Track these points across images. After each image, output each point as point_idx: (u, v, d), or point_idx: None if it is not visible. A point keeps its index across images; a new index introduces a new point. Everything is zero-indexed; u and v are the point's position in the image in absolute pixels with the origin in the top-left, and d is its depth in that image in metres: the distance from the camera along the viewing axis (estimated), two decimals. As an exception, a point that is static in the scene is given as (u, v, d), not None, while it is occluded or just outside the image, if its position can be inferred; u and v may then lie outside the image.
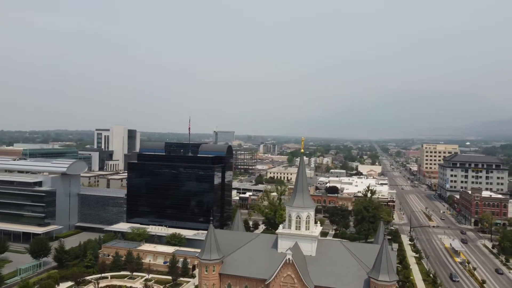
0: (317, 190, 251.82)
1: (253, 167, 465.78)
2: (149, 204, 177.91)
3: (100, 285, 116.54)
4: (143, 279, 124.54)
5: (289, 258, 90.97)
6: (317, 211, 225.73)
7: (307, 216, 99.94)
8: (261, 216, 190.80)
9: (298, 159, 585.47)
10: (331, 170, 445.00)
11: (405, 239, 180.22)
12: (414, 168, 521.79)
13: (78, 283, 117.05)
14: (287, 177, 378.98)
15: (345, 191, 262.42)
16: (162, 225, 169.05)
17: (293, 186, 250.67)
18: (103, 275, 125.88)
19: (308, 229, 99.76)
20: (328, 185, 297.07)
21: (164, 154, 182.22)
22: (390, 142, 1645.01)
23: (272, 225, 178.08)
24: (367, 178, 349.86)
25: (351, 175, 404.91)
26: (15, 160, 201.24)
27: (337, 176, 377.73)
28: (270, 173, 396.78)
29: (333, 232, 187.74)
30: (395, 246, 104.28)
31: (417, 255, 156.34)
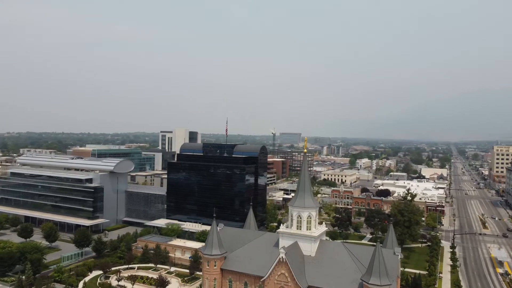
0: (363, 193, 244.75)
1: (309, 169, 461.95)
2: (187, 201, 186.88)
3: (125, 274, 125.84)
4: (166, 271, 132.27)
5: (282, 257, 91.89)
6: (359, 214, 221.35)
7: (308, 216, 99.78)
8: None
9: (362, 161, 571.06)
10: (391, 173, 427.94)
11: (447, 246, 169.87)
12: (486, 172, 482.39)
13: (106, 271, 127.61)
14: (342, 179, 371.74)
15: (396, 194, 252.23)
16: (197, 222, 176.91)
17: (338, 189, 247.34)
18: (130, 266, 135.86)
19: (309, 229, 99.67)
20: (380, 188, 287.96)
21: (201, 154, 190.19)
22: (470, 144, 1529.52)
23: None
24: (425, 182, 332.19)
25: (412, 178, 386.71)
26: (73, 158, 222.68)
27: (396, 179, 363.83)
28: (325, 175, 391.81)
29: (370, 236, 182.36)
30: (397, 250, 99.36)
31: (454, 264, 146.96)
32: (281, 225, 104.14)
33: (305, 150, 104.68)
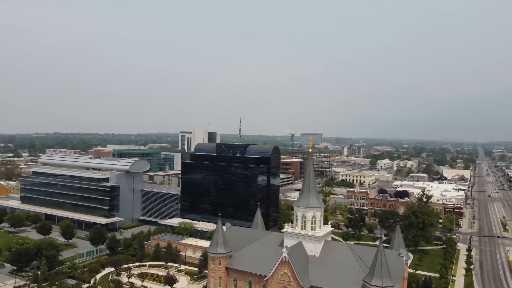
0: (379, 194, 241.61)
1: (328, 169, 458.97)
2: (200, 201, 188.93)
3: (136, 271, 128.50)
4: (176, 269, 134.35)
5: (285, 257, 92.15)
6: (375, 215, 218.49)
7: (313, 216, 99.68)
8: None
9: (382, 162, 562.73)
10: (411, 174, 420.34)
11: (463, 249, 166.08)
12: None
13: (117, 268, 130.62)
14: (360, 180, 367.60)
15: (414, 196, 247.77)
16: (210, 222, 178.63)
17: (354, 189, 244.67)
18: (142, 263, 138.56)
19: (314, 229, 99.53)
20: (398, 189, 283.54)
21: (215, 154, 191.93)
22: (498, 145, 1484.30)
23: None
24: (446, 183, 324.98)
25: (433, 179, 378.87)
26: (91, 158, 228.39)
27: (416, 180, 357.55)
28: (343, 175, 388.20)
29: (384, 238, 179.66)
30: (403, 251, 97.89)
31: (468, 267, 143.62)
32: (286, 225, 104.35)
33: (310, 150, 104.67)
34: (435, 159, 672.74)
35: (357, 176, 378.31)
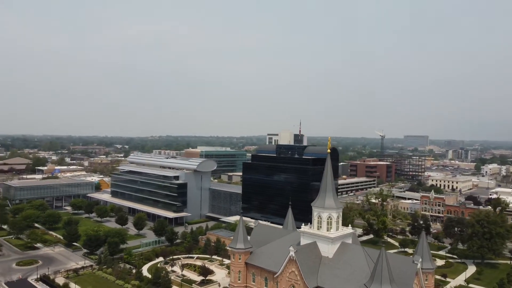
0: (459, 200, 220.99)
1: (421, 173, 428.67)
2: (259, 200, 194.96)
3: (181, 262, 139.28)
4: (219, 263, 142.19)
5: (292, 255, 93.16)
6: (446, 224, 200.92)
7: (328, 217, 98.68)
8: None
9: (488, 167, 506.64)
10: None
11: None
12: None
13: (165, 258, 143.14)
14: (452, 186, 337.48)
15: None
16: (268, 221, 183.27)
17: (428, 195, 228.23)
18: (190, 255, 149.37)
19: (329, 230, 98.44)
20: (492, 196, 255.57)
21: (274, 155, 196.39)
22: None
23: (374, 231, 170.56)
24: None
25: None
26: (167, 158, 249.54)
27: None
28: (433, 180, 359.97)
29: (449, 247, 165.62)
30: (418, 258, 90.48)
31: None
32: (303, 225, 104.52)
33: (329, 150, 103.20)
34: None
35: (449, 182, 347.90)
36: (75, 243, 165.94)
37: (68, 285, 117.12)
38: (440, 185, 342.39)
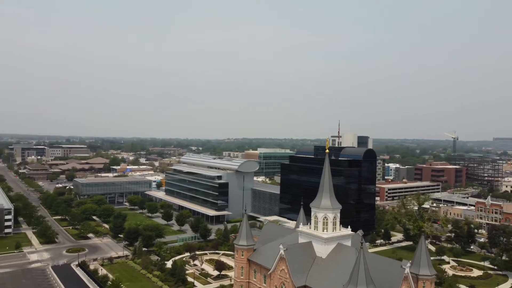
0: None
1: (495, 178, 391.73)
2: (296, 201, 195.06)
3: (204, 257, 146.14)
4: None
5: (281, 253, 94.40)
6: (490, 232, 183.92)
7: (324, 217, 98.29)
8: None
9: None
10: None
11: None
12: None
13: (190, 252, 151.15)
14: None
15: None
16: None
17: (484, 201, 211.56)
18: (216, 251, 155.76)
19: (325, 231, 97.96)
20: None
21: (312, 156, 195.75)
22: None
23: (409, 237, 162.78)
24: None
25: None
26: (214, 159, 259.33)
27: None
28: (506, 186, 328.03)
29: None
30: (406, 263, 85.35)
31: None
32: (301, 224, 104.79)
33: (327, 150, 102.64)
34: None
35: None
36: (120, 235, 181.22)
37: (98, 271, 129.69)
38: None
